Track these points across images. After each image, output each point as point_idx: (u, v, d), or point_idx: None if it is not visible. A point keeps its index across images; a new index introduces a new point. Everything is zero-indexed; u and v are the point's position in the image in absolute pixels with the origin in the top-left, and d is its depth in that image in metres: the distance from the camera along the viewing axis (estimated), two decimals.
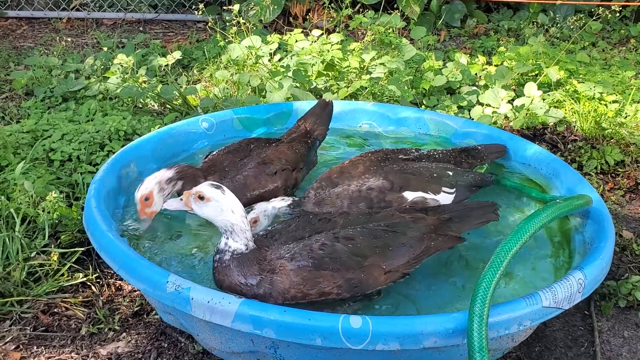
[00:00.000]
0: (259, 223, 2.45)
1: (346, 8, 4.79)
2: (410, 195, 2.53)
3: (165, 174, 2.43)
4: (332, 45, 4.33)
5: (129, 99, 3.95)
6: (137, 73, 4.19)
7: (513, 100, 4.04)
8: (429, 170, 2.64)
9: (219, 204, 2.02)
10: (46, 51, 5.02)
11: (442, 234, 2.24)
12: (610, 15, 4.23)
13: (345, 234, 2.13)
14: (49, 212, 2.66)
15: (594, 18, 4.56)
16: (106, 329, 2.30)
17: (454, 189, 2.62)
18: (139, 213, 2.38)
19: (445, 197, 2.58)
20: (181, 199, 2.11)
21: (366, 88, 3.96)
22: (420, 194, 2.55)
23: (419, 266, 2.18)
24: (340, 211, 2.40)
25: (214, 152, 2.75)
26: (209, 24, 4.19)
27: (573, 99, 4.06)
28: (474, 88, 4.24)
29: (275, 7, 5.14)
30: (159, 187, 2.39)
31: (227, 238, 2.05)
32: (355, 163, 2.64)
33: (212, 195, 2.03)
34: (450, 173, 2.66)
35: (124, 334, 2.29)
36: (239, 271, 2.03)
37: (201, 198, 2.04)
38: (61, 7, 5.96)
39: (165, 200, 2.39)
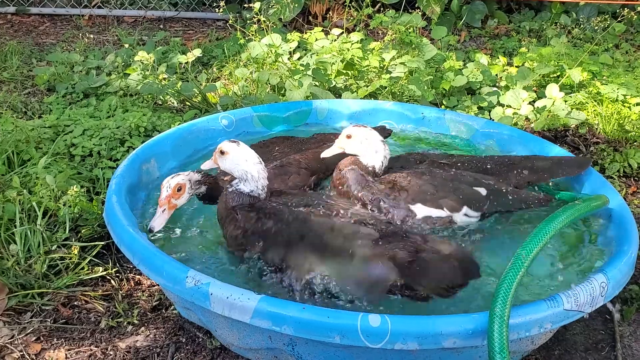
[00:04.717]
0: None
1: (366, 7, 4.78)
2: (421, 210, 2.30)
3: (195, 176, 2.46)
4: (352, 44, 4.32)
5: (149, 96, 3.98)
6: (157, 70, 4.22)
7: (534, 101, 4.00)
8: (459, 180, 2.36)
9: (234, 156, 2.30)
10: (68, 48, 5.08)
11: None
12: (634, 17, 4.16)
13: (302, 216, 2.18)
14: (69, 206, 2.69)
15: (618, 19, 4.50)
16: (125, 323, 2.32)
17: (479, 213, 2.32)
18: (164, 201, 2.31)
19: (465, 220, 2.32)
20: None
21: (386, 87, 3.95)
22: (433, 210, 2.29)
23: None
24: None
25: None
26: (229, 21, 4.20)
27: (595, 100, 4.01)
28: (495, 89, 4.20)
29: (295, 5, 5.14)
30: (190, 184, 2.42)
31: (240, 182, 2.30)
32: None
33: (228, 148, 2.31)
34: (484, 193, 2.35)
35: (143, 328, 2.30)
36: (229, 201, 2.30)
37: (222, 153, 2.31)
38: (83, 4, 6.02)
39: (187, 200, 2.42)
